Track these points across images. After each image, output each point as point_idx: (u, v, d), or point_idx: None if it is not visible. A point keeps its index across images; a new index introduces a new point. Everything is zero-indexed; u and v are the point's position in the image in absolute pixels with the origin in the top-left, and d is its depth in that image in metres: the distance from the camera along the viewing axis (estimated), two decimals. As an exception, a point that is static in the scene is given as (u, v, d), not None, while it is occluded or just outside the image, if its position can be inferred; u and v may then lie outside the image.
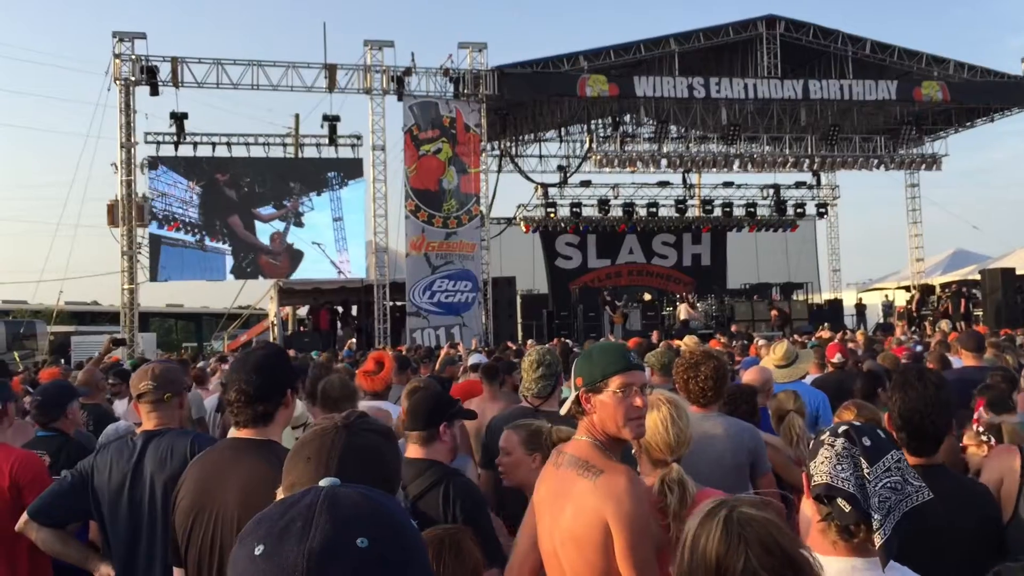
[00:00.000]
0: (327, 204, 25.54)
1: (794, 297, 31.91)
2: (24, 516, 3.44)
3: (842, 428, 2.11)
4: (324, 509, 1.03)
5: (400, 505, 1.29)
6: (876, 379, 6.01)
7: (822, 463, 2.06)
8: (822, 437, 2.12)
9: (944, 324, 23.93)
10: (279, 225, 25.16)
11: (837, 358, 7.38)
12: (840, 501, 2.01)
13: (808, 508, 2.10)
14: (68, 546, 3.50)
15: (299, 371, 4.49)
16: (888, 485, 2.01)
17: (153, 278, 24.32)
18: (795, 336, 19.51)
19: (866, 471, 2.02)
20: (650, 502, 2.61)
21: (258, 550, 1.01)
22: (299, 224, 25.32)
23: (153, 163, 24.33)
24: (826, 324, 24.67)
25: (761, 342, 13.66)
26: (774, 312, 28.49)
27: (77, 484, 3.42)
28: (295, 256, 25.27)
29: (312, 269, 25.45)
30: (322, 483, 1.11)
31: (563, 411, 2.73)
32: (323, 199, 25.54)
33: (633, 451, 2.95)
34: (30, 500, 3.62)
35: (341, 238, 25.62)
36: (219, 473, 2.79)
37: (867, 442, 2.05)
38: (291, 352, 16.52)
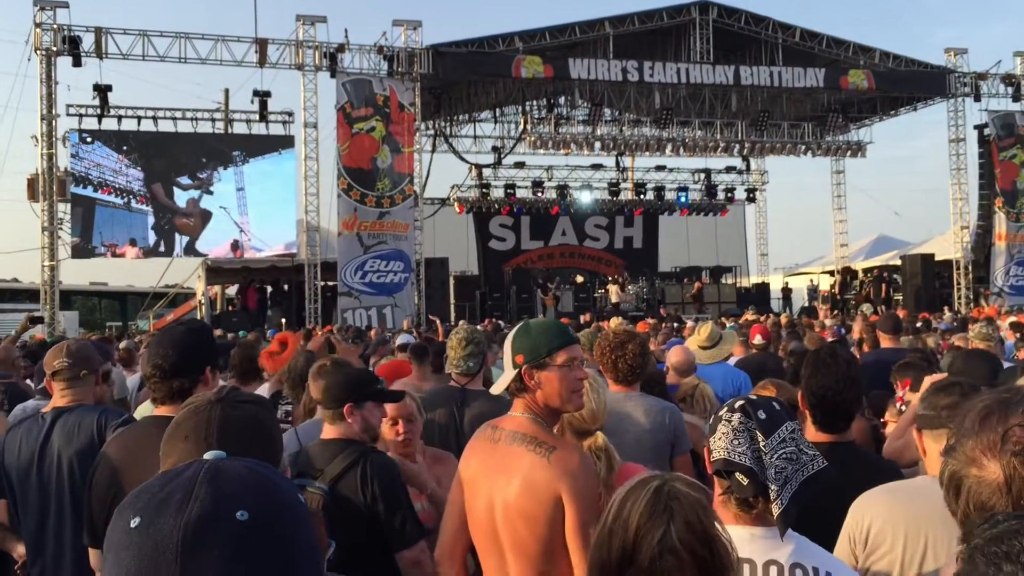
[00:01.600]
0: (231, 177, 25.45)
1: (723, 280, 32.48)
2: None
3: (738, 403, 2.18)
4: (205, 481, 1.01)
5: (285, 478, 1.28)
6: (799, 361, 6.15)
7: (720, 439, 2.13)
8: (720, 412, 2.18)
9: (866, 308, 24.58)
10: (194, 193, 25.14)
11: (758, 339, 7.54)
12: (738, 475, 2.08)
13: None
14: None
15: (221, 349, 4.42)
16: (784, 456, 2.08)
17: (88, 240, 23.97)
18: (722, 319, 19.87)
19: (762, 444, 2.08)
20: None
21: (134, 522, 0.98)
22: (209, 192, 25.30)
23: (83, 136, 23.75)
24: (751, 307, 25.17)
25: (690, 324, 13.90)
26: (697, 285, 29.05)
27: None
28: (205, 216, 25.24)
29: (219, 229, 25.42)
30: (207, 456, 1.09)
31: (499, 389, 2.71)
32: (229, 172, 25.41)
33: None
34: None
35: (243, 204, 25.54)
36: (138, 452, 2.74)
37: (762, 415, 2.12)
38: (218, 332, 16.27)
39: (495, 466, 2.64)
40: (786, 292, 34.00)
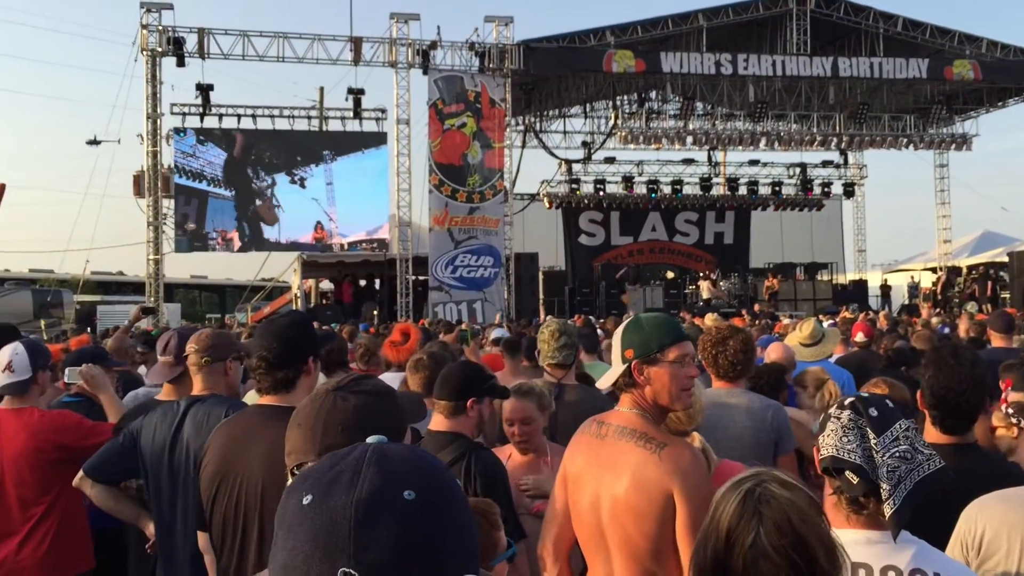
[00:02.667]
0: (322, 173, 25.98)
1: (818, 277, 31.63)
2: (80, 472, 3.53)
3: (848, 400, 2.11)
4: (372, 462, 1.05)
5: (443, 463, 1.31)
6: (903, 358, 5.95)
7: (828, 436, 2.07)
8: (830, 411, 2.11)
9: (971, 306, 23.65)
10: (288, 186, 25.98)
11: (860, 337, 7.32)
12: (847, 473, 2.01)
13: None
14: (120, 503, 3.59)
15: (323, 339, 4.50)
16: (897, 455, 2.00)
17: (201, 227, 24.86)
18: (819, 316, 19.38)
19: (873, 442, 2.01)
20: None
21: (306, 499, 1.03)
22: (303, 187, 25.93)
23: (199, 137, 24.68)
24: (848, 304, 24.48)
25: (786, 320, 13.60)
26: (768, 281, 28.25)
27: (127, 444, 3.49)
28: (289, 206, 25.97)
29: (302, 218, 25.97)
30: (369, 440, 1.13)
31: (606, 383, 2.68)
32: (319, 168, 25.95)
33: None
34: (74, 449, 3.82)
35: (331, 198, 26.03)
36: (243, 440, 2.81)
37: (874, 412, 2.04)
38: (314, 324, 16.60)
39: (602, 462, 2.61)
40: (885, 289, 32.94)
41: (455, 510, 1.06)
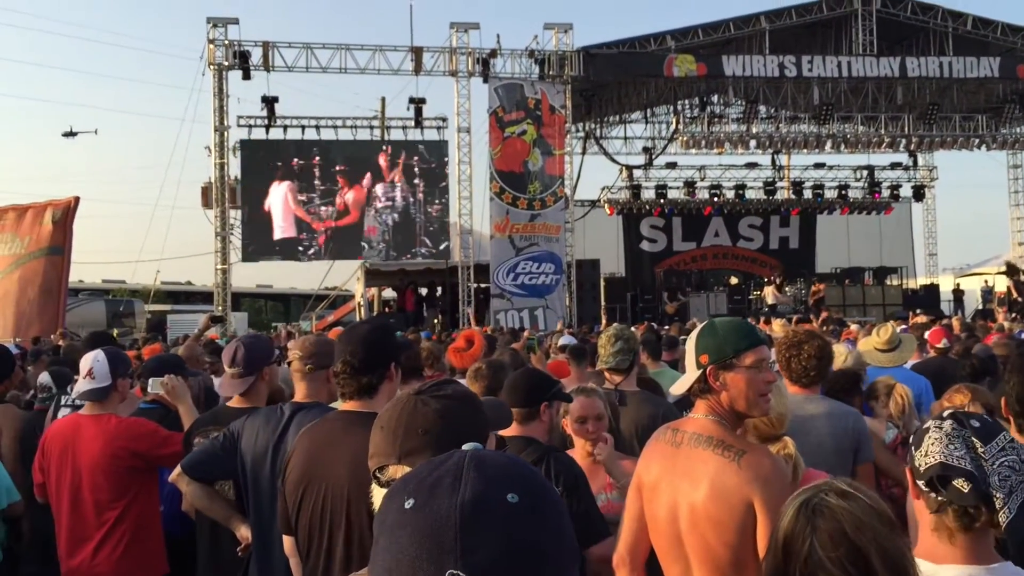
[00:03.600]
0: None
1: (887, 282, 30.95)
2: (177, 468, 3.58)
3: (947, 413, 2.01)
4: (472, 467, 1.06)
5: (537, 468, 1.31)
6: (987, 365, 5.77)
7: (932, 445, 1.93)
8: (925, 425, 2.02)
9: (1048, 311, 22.94)
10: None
11: (943, 343, 7.12)
12: (958, 481, 1.88)
13: (917, 507, 2.00)
14: (214, 502, 3.63)
15: (403, 346, 4.52)
16: (1007, 464, 1.89)
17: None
18: (891, 322, 18.95)
19: (981, 450, 1.90)
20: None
21: (408, 503, 1.04)
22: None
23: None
24: (918, 309, 23.89)
25: (854, 327, 13.30)
26: (815, 287, 27.58)
27: (227, 445, 3.51)
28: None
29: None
30: (466, 447, 1.14)
31: (681, 389, 2.64)
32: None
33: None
34: (149, 457, 3.94)
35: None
36: (328, 445, 2.83)
37: (976, 424, 1.95)
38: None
39: (679, 470, 2.56)
40: (957, 294, 32.12)
41: (556, 513, 1.08)
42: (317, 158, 25.23)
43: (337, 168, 25.23)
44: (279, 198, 24.86)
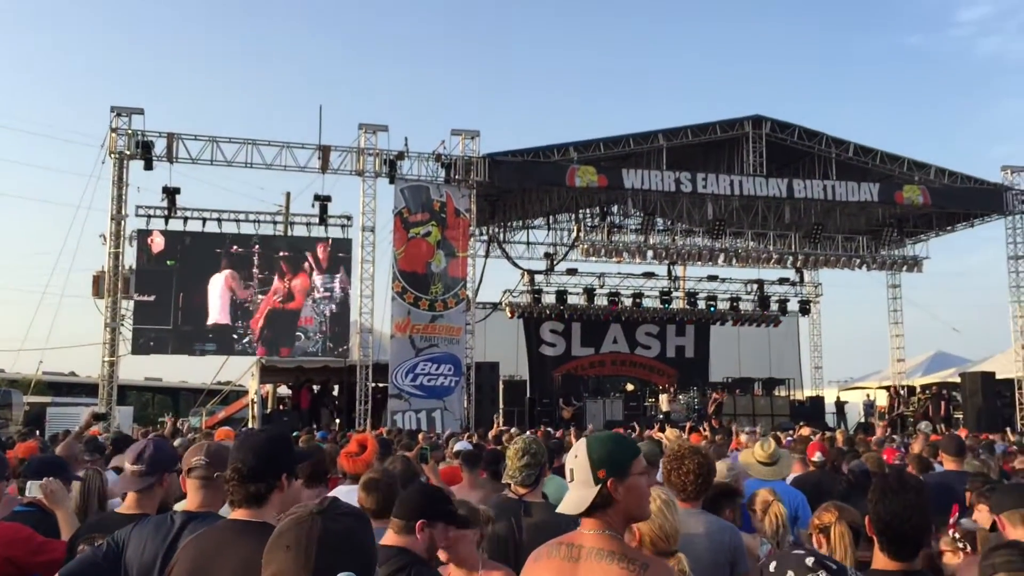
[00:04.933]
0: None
1: (776, 393, 31.95)
2: None
3: (810, 561, 2.20)
4: None
5: None
6: (860, 480, 6.02)
7: None
8: (787, 559, 2.18)
9: (924, 426, 23.93)
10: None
11: (817, 456, 7.38)
12: None
13: None
14: None
15: (302, 456, 4.48)
16: None
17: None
18: (776, 432, 19.47)
19: None
20: None
21: None
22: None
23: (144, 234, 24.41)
24: (802, 422, 24.66)
25: (743, 437, 13.65)
26: (715, 395, 28.39)
27: (110, 555, 3.35)
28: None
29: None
30: None
31: (577, 509, 2.66)
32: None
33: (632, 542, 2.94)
34: (23, 564, 3.75)
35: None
36: (215, 555, 2.79)
37: (832, 567, 2.10)
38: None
39: None
40: (840, 406, 33.29)
41: None
42: (257, 247, 24.93)
43: (280, 255, 25.05)
44: (217, 286, 24.60)
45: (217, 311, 24.62)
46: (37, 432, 18.34)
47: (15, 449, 8.64)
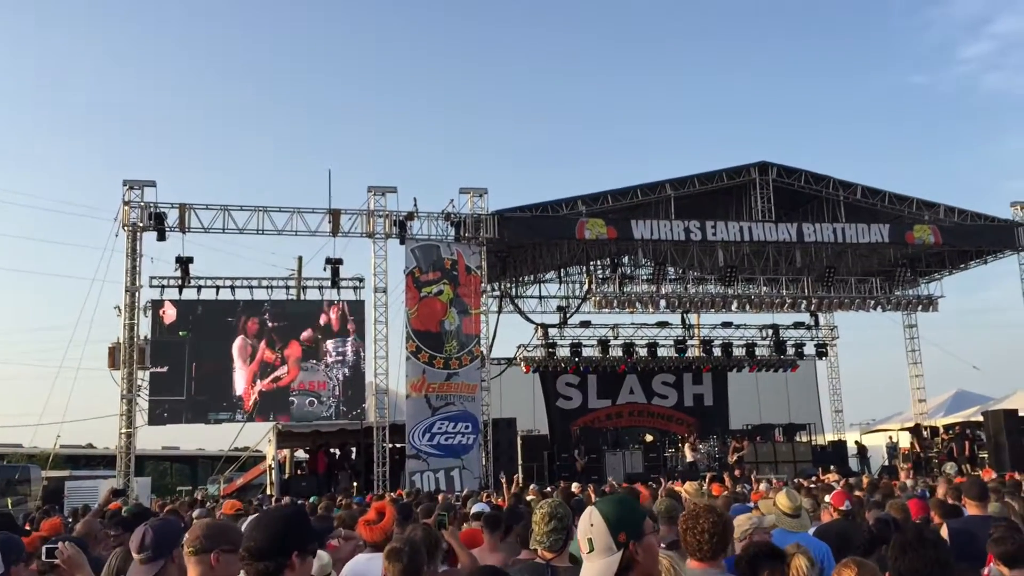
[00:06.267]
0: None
1: (797, 438, 31.63)
2: None
3: None
4: None
5: None
6: (883, 531, 5.92)
7: None
8: None
9: (949, 467, 23.67)
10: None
11: (846, 506, 7.28)
12: None
13: None
14: None
15: (318, 533, 4.43)
16: None
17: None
18: (799, 480, 19.25)
19: None
20: None
21: None
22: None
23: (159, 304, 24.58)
24: (832, 467, 24.40)
25: (762, 487, 13.49)
26: (735, 444, 27.98)
27: None
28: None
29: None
30: None
31: (609, 572, 2.61)
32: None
33: None
34: None
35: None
36: None
37: None
38: (286, 499, 16.29)
39: None
40: (862, 450, 32.89)
41: None
42: (267, 313, 25.09)
43: (283, 324, 25.18)
44: (234, 354, 24.78)
45: (242, 380, 24.69)
46: (56, 507, 18.30)
47: (40, 528, 8.60)
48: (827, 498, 7.94)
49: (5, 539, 4.07)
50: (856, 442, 33.97)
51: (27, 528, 8.68)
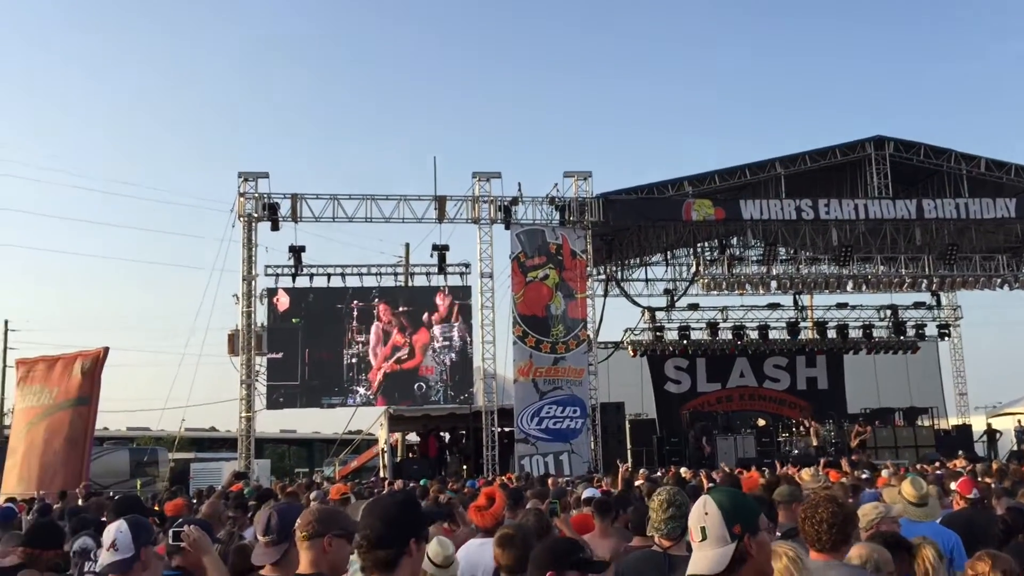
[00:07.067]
0: None
1: (919, 423, 30.44)
2: None
3: None
4: None
5: None
6: (1019, 521, 5.62)
7: None
8: None
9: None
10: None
11: (974, 494, 6.94)
12: None
13: None
14: None
15: (431, 517, 4.46)
16: None
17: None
18: (922, 465, 18.52)
19: None
20: None
21: None
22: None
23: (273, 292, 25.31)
24: (960, 452, 23.39)
25: (886, 472, 13.00)
26: (857, 428, 27.01)
27: None
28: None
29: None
30: None
31: (718, 568, 2.52)
32: None
33: None
34: None
35: None
36: None
37: None
38: (399, 483, 16.59)
39: None
40: (990, 434, 31.44)
41: None
42: (377, 299, 25.59)
43: (400, 309, 25.56)
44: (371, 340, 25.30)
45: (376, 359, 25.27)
46: (183, 490, 19.09)
47: (164, 508, 8.98)
48: (953, 485, 7.58)
49: (135, 521, 4.20)
50: (987, 425, 32.48)
51: (155, 508, 9.05)
